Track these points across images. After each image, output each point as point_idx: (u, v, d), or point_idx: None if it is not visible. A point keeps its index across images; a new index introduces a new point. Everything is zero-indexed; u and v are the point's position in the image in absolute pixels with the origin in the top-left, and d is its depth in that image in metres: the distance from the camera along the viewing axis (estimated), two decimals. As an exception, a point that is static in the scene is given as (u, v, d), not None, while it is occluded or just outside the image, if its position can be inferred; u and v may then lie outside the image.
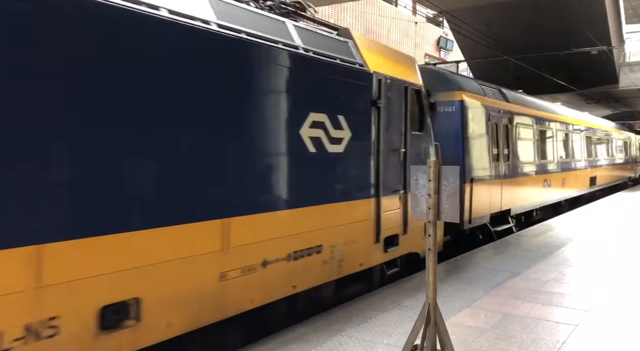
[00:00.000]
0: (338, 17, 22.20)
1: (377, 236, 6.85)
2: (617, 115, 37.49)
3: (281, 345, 5.05)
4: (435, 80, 10.08)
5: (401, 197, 7.36)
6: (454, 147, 9.88)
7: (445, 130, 9.77)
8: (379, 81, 6.88)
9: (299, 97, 5.59)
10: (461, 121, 10.05)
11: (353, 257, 6.42)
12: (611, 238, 11.51)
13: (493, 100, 11.49)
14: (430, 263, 4.11)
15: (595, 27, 21.83)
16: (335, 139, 6.07)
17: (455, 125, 10.03)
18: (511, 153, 12.12)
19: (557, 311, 6.26)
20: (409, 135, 7.47)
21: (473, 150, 10.31)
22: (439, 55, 31.25)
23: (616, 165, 25.43)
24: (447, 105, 10.09)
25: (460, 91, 10.23)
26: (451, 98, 10.12)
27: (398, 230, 7.32)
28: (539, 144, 14.31)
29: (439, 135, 9.09)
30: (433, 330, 4.04)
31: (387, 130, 7.00)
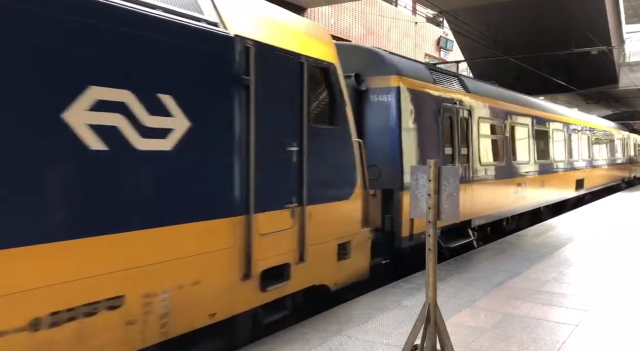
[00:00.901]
0: (338, 17, 22.21)
1: (248, 270, 4.90)
2: (617, 115, 37.52)
3: (281, 345, 5.05)
4: (367, 62, 8.24)
5: (295, 212, 5.47)
6: (389, 146, 7.99)
7: (379, 125, 8.05)
8: (247, 50, 4.92)
9: (62, 59, 3.55)
10: (398, 113, 8.02)
11: (196, 306, 4.45)
12: (611, 238, 11.51)
13: (447, 89, 9.54)
14: (430, 263, 4.11)
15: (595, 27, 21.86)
16: (154, 131, 4.09)
17: (390, 119, 8.00)
18: (472, 154, 10.22)
19: (557, 311, 6.27)
20: (308, 129, 5.66)
21: (415, 150, 8.39)
22: (439, 55, 31.26)
23: (608, 166, 23.37)
24: (380, 94, 8.08)
25: (397, 76, 8.12)
26: (385, 84, 8.08)
27: (289, 257, 5.44)
28: (511, 143, 12.30)
29: (372, 131, 7.94)
30: (433, 330, 4.05)
31: (267, 121, 5.12)
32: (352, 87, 7.77)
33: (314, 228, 5.75)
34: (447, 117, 9.41)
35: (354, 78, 7.92)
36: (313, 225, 5.73)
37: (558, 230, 12.59)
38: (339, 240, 6.23)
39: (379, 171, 7.72)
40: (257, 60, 5.02)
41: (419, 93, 8.60)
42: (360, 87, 8.00)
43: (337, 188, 6.25)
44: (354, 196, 6.51)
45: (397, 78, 8.12)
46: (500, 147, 11.77)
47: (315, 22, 20.02)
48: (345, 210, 6.35)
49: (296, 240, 5.56)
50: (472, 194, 10.27)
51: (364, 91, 8.09)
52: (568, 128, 17.17)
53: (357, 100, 7.96)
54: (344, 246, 6.34)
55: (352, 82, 7.85)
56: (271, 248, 5.21)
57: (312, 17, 20.20)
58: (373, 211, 7.25)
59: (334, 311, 6.12)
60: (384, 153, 7.93)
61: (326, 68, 6.14)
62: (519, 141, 12.92)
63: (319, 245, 5.86)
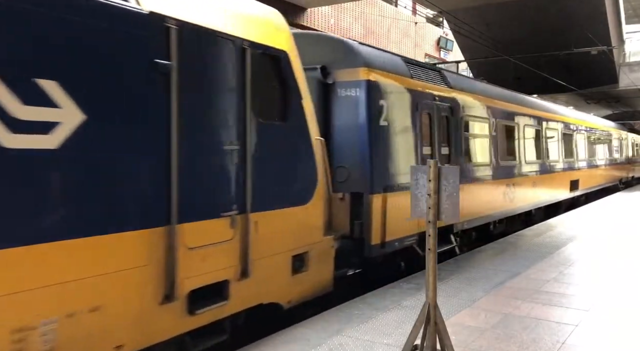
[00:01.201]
0: (338, 17, 22.21)
1: (170, 290, 4.20)
2: (617, 115, 37.53)
3: (281, 345, 5.05)
4: (334, 53, 7.50)
5: (236, 221, 4.79)
6: (358, 145, 7.23)
7: (347, 122, 7.31)
8: (167, 31, 4.22)
9: None
10: (367, 109, 7.24)
11: (95, 338, 3.76)
12: (611, 238, 11.51)
13: (425, 84, 8.74)
14: (430, 263, 4.12)
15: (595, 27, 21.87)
16: (30, 124, 3.36)
17: (358, 115, 7.23)
18: (454, 154, 9.43)
19: (557, 311, 6.27)
20: (253, 125, 5.01)
21: (388, 150, 7.61)
22: (439, 55, 31.26)
23: (605, 166, 22.54)
24: (348, 87, 7.33)
25: (367, 68, 7.34)
26: (353, 77, 7.32)
27: (228, 273, 4.76)
28: (499, 142, 11.50)
29: (340, 128, 7.29)
30: (433, 330, 4.05)
31: (194, 115, 4.46)
32: (317, 80, 7.14)
33: (261, 238, 5.07)
34: (425, 113, 8.62)
35: (319, 70, 7.22)
36: (260, 235, 5.06)
37: (558, 230, 12.59)
38: (293, 250, 5.56)
39: (348, 173, 7.17)
40: (180, 43, 4.30)
41: (393, 88, 7.82)
42: (326, 81, 7.29)
43: (292, 192, 5.60)
44: (313, 201, 5.84)
45: (366, 70, 7.34)
46: (487, 146, 11.03)
47: (315, 22, 20.07)
48: (302, 217, 5.69)
49: (238, 253, 4.84)
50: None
51: (330, 85, 7.35)
52: (562, 127, 16.43)
53: (324, 95, 7.29)
54: (300, 257, 5.67)
55: (317, 75, 7.18)
56: (203, 264, 4.49)
57: (312, 17, 20.21)
58: (341, 216, 6.83)
59: (334, 311, 6.12)
60: (353, 153, 7.22)
61: (277, 56, 5.38)
62: (507, 140, 12.13)
63: (268, 257, 5.19)
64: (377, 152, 7.33)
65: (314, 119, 5.98)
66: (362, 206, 7.12)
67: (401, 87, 8.07)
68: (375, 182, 7.25)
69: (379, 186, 7.31)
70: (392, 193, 7.54)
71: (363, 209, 7.12)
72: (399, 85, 8.02)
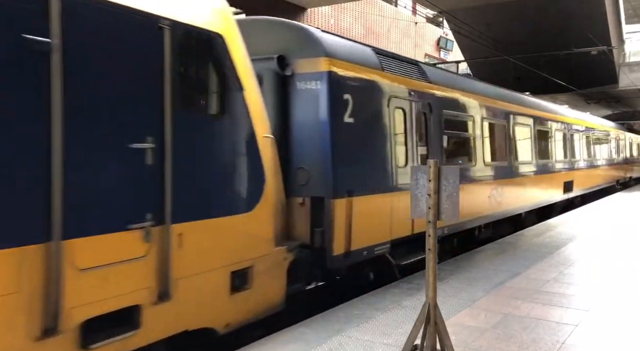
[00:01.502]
0: (338, 17, 22.21)
1: (53, 322, 3.48)
2: (617, 115, 37.53)
3: (281, 345, 5.05)
4: (292, 41, 6.76)
5: (152, 233, 4.07)
6: (319, 144, 6.47)
7: (307, 118, 6.55)
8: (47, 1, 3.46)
9: None
10: (329, 104, 6.47)
11: None
12: (611, 238, 11.51)
13: (399, 78, 7.91)
14: (430, 263, 4.12)
15: (595, 27, 21.89)
16: None
17: (319, 111, 6.47)
18: (433, 154, 8.67)
19: (557, 311, 6.27)
20: (176, 119, 4.25)
21: (354, 149, 6.88)
22: (439, 55, 31.27)
23: (601, 166, 21.71)
24: (308, 80, 6.56)
25: (328, 58, 6.54)
26: (313, 68, 6.54)
27: (140, 297, 4.02)
28: (484, 141, 10.70)
29: (299, 125, 6.56)
30: (433, 330, 4.05)
31: (88, 106, 3.75)
32: (273, 71, 6.43)
33: (187, 253, 4.35)
34: (399, 110, 7.80)
35: (276, 61, 6.46)
36: (187, 250, 4.34)
37: (558, 230, 12.59)
38: (232, 266, 4.80)
39: (308, 175, 6.43)
40: (65, 17, 3.52)
41: (361, 81, 7.03)
42: (284, 72, 6.54)
43: (230, 198, 4.88)
44: (259, 207, 5.06)
45: (327, 61, 6.52)
46: (470, 146, 10.23)
47: (315, 22, 20.07)
48: (244, 227, 4.93)
49: (153, 273, 4.08)
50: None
51: (289, 77, 6.58)
52: (556, 126, 15.61)
53: (281, 88, 6.56)
54: (242, 273, 4.93)
55: (273, 66, 6.44)
56: (103, 288, 3.75)
57: (312, 17, 20.22)
58: (300, 224, 6.28)
59: (334, 311, 6.12)
60: (314, 153, 6.47)
61: (210, 39, 4.66)
62: (494, 140, 11.36)
63: (196, 275, 4.45)
64: (340, 152, 6.55)
65: (263, 114, 5.24)
66: (323, 212, 6.35)
67: (370, 80, 7.24)
68: (339, 185, 6.47)
69: (342, 189, 6.52)
70: (359, 197, 6.77)
71: (324, 215, 6.34)
72: (368, 78, 7.20)
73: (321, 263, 6.39)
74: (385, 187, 7.35)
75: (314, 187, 6.41)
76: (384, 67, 7.63)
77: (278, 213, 5.45)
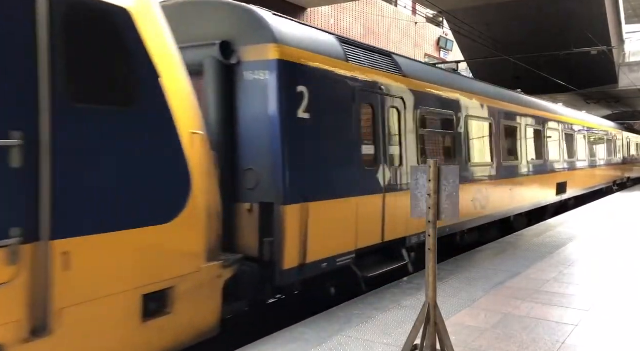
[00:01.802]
0: (338, 17, 22.22)
1: None
2: (617, 115, 37.54)
3: (281, 345, 5.05)
4: (238, 25, 5.98)
5: (17, 252, 3.26)
6: (268, 143, 5.73)
7: (255, 113, 5.81)
8: None
9: None
10: (280, 97, 5.74)
11: None
12: (611, 238, 11.51)
13: (367, 70, 7.17)
14: (430, 263, 4.12)
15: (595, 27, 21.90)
16: None
17: (268, 105, 5.74)
18: (407, 154, 7.88)
19: (557, 311, 6.27)
20: (57, 110, 3.50)
21: (311, 148, 6.13)
22: (439, 55, 31.27)
23: (597, 167, 20.98)
24: (256, 69, 5.82)
25: (277, 44, 5.78)
26: (261, 56, 5.78)
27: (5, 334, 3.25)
28: (468, 141, 9.94)
29: (246, 121, 5.82)
30: (433, 330, 4.05)
31: None
32: (216, 60, 5.72)
33: (78, 276, 3.58)
34: (367, 106, 7.08)
35: (218, 47, 5.73)
36: (76, 272, 3.57)
37: (558, 230, 12.59)
38: (145, 288, 3.99)
39: (257, 177, 5.73)
40: None
41: (320, 72, 6.29)
42: (229, 61, 5.81)
43: (140, 207, 4.01)
44: (183, 217, 4.26)
45: (277, 48, 5.76)
46: (452, 145, 9.47)
47: (315, 22, 20.07)
48: (162, 240, 4.12)
49: (23, 302, 3.30)
50: (408, 204, 7.39)
51: (234, 66, 5.84)
52: (549, 124, 14.86)
53: (226, 79, 5.83)
54: (159, 296, 4.13)
55: (216, 53, 5.72)
56: None
57: (312, 17, 20.22)
58: (248, 233, 5.65)
59: (333, 311, 6.12)
60: (263, 152, 5.74)
61: (110, 15, 3.90)
62: (478, 139, 10.55)
63: (91, 302, 3.66)
64: (293, 152, 5.80)
65: (190, 106, 4.48)
66: (272, 220, 5.64)
67: (332, 71, 6.49)
68: (291, 189, 5.71)
69: (296, 194, 5.76)
70: (318, 203, 6.05)
71: (274, 224, 5.62)
72: (329, 70, 6.45)
73: (270, 278, 5.65)
74: (349, 190, 6.59)
75: (263, 192, 5.70)
76: (348, 58, 6.90)
77: (212, 223, 4.59)
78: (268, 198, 5.68)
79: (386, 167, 7.34)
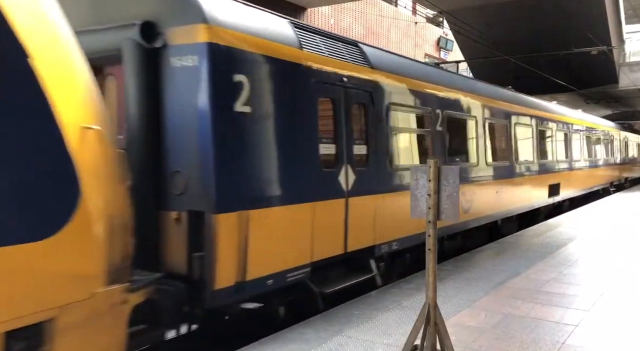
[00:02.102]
0: (338, 17, 22.21)
1: None
2: (617, 115, 37.52)
3: (281, 345, 5.05)
4: (165, 3, 5.22)
5: None
6: (197, 140, 4.91)
7: (183, 106, 4.99)
8: None
9: None
10: (212, 87, 4.89)
11: None
12: (612, 238, 11.51)
13: (327, 60, 6.37)
14: (430, 263, 4.12)
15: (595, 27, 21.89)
16: None
17: (197, 96, 4.92)
18: (374, 154, 7.06)
19: (557, 311, 6.27)
20: None
21: (253, 148, 5.26)
22: (439, 55, 31.27)
23: (593, 167, 20.17)
24: (183, 54, 4.97)
25: (209, 25, 4.95)
26: (189, 39, 4.95)
27: None
28: (446, 139, 9.00)
29: (173, 114, 5.00)
30: (433, 330, 4.05)
31: None
32: (136, 43, 4.91)
33: None
34: (326, 100, 6.31)
35: (138, 29, 4.91)
36: None
37: (558, 230, 12.58)
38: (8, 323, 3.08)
39: (186, 181, 4.92)
40: None
41: (264, 59, 5.44)
42: (152, 44, 4.99)
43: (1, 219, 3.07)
44: (68, 231, 3.37)
45: (207, 29, 4.91)
46: (428, 144, 8.64)
47: (315, 22, 20.06)
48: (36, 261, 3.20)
49: None
50: (377, 210, 7.01)
51: (159, 50, 5.03)
52: (539, 123, 13.98)
53: (148, 66, 5.00)
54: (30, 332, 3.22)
55: (136, 35, 4.92)
56: None
57: (312, 17, 20.22)
58: (175, 246, 4.89)
59: (334, 311, 6.12)
60: (191, 151, 4.92)
61: None
62: (458, 137, 9.69)
63: None
64: (229, 150, 4.99)
65: (80, 95, 3.69)
66: (202, 231, 4.85)
67: (282, 59, 5.67)
68: (226, 195, 4.92)
69: (233, 200, 4.98)
70: (261, 210, 5.24)
71: (204, 236, 4.84)
72: (277, 57, 5.61)
73: (199, 300, 4.85)
74: (303, 195, 5.80)
75: (192, 198, 4.90)
76: (303, 45, 6.08)
77: (116, 237, 3.79)
78: (197, 206, 4.88)
79: (350, 168, 6.53)
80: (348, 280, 6.57)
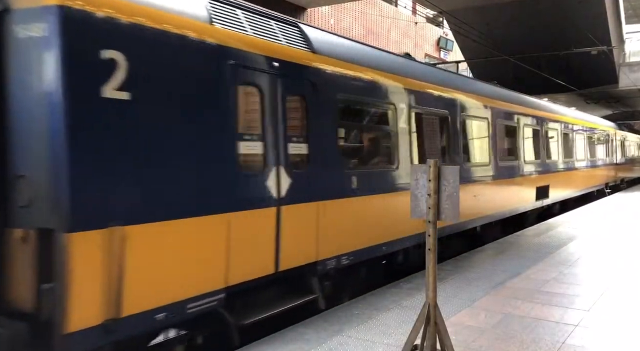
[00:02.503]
0: (338, 17, 22.21)
1: None
2: (617, 115, 37.51)
3: (281, 345, 5.05)
4: None
5: None
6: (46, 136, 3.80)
7: (30, 90, 3.88)
8: None
9: None
10: (65, 65, 3.74)
11: None
12: (612, 237, 11.51)
13: (247, 39, 5.29)
14: (430, 263, 4.12)
15: (595, 27, 21.88)
16: None
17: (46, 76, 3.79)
18: (318, 153, 6.05)
19: (557, 311, 6.27)
20: None
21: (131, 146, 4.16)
22: (439, 55, 31.26)
23: (586, 168, 19.13)
24: (30, 22, 3.85)
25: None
26: (35, 2, 3.85)
27: None
28: (413, 137, 7.89)
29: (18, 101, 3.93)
30: (433, 330, 4.05)
31: None
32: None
33: None
34: (249, 88, 5.29)
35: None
36: None
37: (558, 230, 12.58)
38: None
39: (31, 189, 3.85)
40: None
41: (148, 33, 4.30)
42: None
43: None
44: None
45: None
46: (390, 143, 7.52)
47: (315, 22, 20.06)
48: None
49: None
50: (321, 219, 6.02)
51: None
52: (526, 121, 12.96)
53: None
54: None
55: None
56: None
57: (312, 17, 20.22)
58: (21, 275, 3.81)
59: (334, 311, 6.12)
60: (39, 150, 3.83)
61: None
62: (428, 136, 8.55)
63: None
64: (92, 149, 3.88)
65: None
66: (52, 255, 3.73)
67: (178, 34, 4.54)
68: (85, 207, 3.81)
69: (97, 214, 3.87)
70: (145, 226, 4.17)
71: (54, 261, 3.72)
72: (172, 31, 4.50)
73: (46, 347, 3.74)
74: (213, 204, 4.75)
75: (39, 212, 3.81)
76: (214, 20, 4.98)
77: None
78: (47, 222, 3.76)
79: (283, 171, 5.50)
80: (279, 305, 5.53)
